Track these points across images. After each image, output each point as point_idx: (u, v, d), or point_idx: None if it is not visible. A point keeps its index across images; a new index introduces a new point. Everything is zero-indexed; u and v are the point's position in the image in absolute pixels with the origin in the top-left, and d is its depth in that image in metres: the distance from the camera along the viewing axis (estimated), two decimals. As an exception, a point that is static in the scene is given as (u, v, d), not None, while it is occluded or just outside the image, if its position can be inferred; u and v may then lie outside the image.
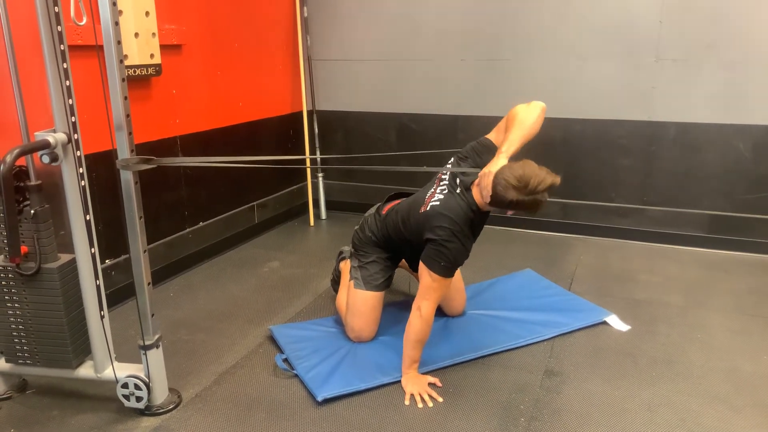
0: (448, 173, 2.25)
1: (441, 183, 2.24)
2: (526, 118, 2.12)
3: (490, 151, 2.15)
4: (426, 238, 2.13)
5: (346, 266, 2.70)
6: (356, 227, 2.60)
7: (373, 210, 2.58)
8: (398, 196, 2.58)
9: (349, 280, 2.53)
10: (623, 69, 3.52)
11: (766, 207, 3.41)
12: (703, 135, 3.46)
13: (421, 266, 2.15)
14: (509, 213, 2.08)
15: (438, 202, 2.16)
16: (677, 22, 3.36)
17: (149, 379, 1.99)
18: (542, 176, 1.95)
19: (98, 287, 1.96)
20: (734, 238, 3.50)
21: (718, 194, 3.50)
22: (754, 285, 3.06)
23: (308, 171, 4.24)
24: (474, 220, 2.12)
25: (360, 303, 2.45)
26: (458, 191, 2.14)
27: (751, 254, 3.45)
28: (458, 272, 2.64)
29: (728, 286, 3.05)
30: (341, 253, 2.87)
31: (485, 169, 2.04)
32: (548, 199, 2.01)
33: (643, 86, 3.50)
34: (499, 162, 2.03)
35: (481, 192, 2.05)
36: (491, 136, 2.25)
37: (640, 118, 3.56)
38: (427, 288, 2.14)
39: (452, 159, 2.30)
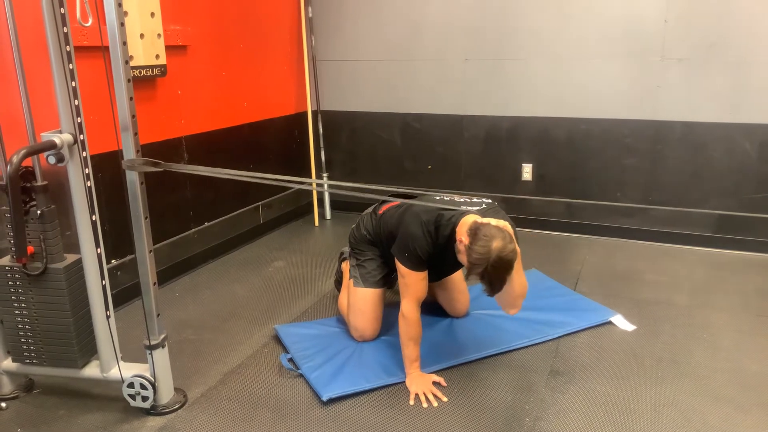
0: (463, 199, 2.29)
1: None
2: (524, 285, 2.14)
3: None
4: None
5: (347, 266, 2.70)
6: (353, 226, 2.61)
7: (370, 209, 2.59)
8: (396, 196, 2.58)
9: (349, 279, 2.54)
10: (628, 68, 3.51)
11: (773, 206, 3.40)
12: (708, 134, 3.45)
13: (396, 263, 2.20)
14: (459, 243, 2.00)
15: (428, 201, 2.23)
16: (682, 21, 3.34)
17: (155, 379, 2.00)
18: (502, 270, 1.90)
19: (104, 287, 1.97)
20: (741, 238, 3.48)
21: (724, 194, 3.48)
22: (761, 285, 3.04)
23: (313, 172, 4.24)
24: (442, 232, 2.12)
25: (360, 301, 2.45)
26: (454, 209, 2.16)
27: (758, 254, 3.43)
28: (461, 273, 2.64)
29: (735, 286, 3.04)
30: (342, 253, 2.87)
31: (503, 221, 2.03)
32: (478, 271, 1.93)
33: (649, 85, 3.49)
34: (509, 229, 2.00)
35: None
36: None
37: (646, 117, 3.55)
38: (401, 285, 2.18)
39: (483, 201, 2.28)
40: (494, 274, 1.90)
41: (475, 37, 3.79)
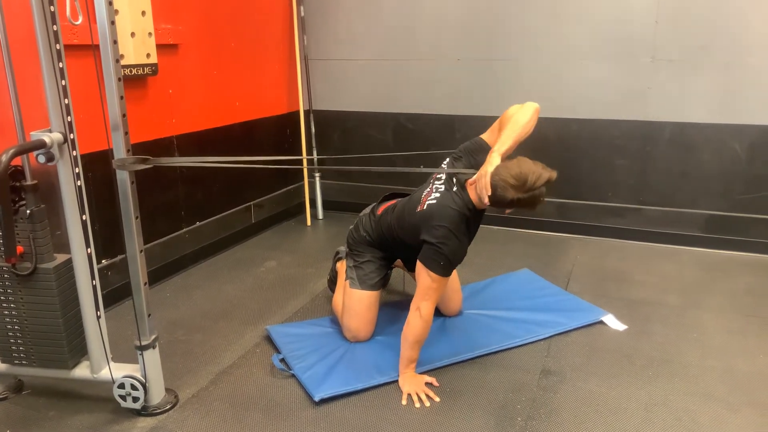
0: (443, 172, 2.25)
1: (437, 182, 2.23)
2: (519, 119, 2.14)
3: (484, 150, 2.15)
4: (423, 239, 2.12)
5: (342, 266, 2.70)
6: (351, 227, 2.60)
7: (368, 210, 2.58)
8: (393, 196, 2.58)
9: (345, 280, 2.53)
10: (619, 69, 3.52)
11: (762, 207, 3.42)
12: (698, 135, 3.47)
13: (419, 267, 2.13)
14: (507, 212, 2.09)
15: (434, 201, 2.16)
16: (673, 22, 3.36)
17: (146, 380, 1.99)
18: (539, 172, 1.97)
19: (94, 287, 1.96)
20: (730, 238, 3.51)
21: (714, 194, 3.51)
22: (751, 285, 3.07)
23: (305, 171, 4.24)
24: (470, 219, 2.12)
25: (356, 303, 2.45)
26: (454, 189, 2.14)
27: (748, 254, 3.46)
28: (455, 272, 2.64)
29: (724, 286, 3.06)
30: (338, 253, 2.87)
31: (481, 170, 2.03)
32: (546, 199, 2.02)
33: (639, 86, 3.51)
34: (493, 161, 2.03)
35: (479, 193, 2.04)
36: (485, 136, 2.26)
37: (636, 118, 3.57)
38: (427, 288, 2.12)
39: (447, 159, 2.30)
40: (546, 184, 1.97)
41: (467, 37, 3.79)
